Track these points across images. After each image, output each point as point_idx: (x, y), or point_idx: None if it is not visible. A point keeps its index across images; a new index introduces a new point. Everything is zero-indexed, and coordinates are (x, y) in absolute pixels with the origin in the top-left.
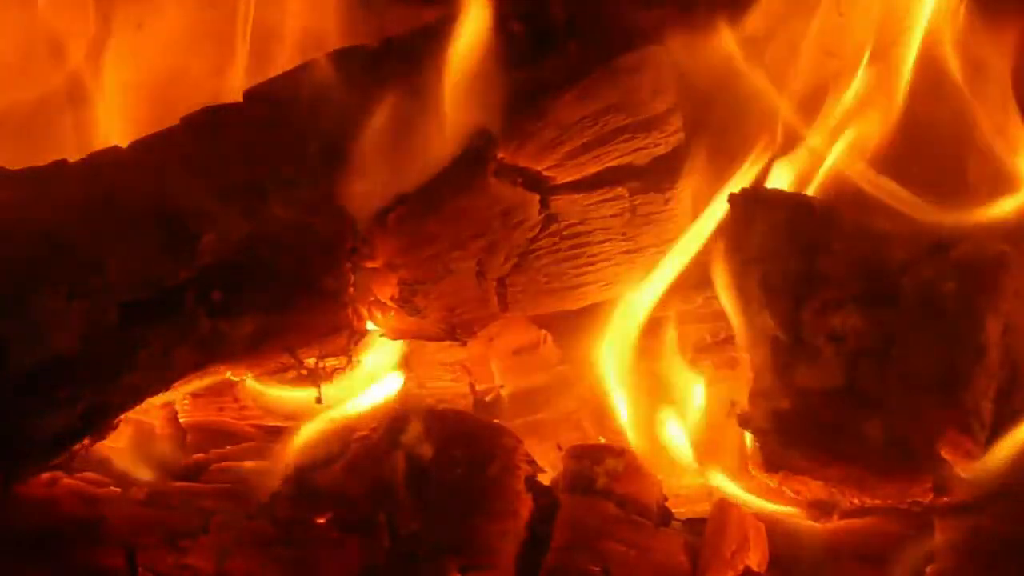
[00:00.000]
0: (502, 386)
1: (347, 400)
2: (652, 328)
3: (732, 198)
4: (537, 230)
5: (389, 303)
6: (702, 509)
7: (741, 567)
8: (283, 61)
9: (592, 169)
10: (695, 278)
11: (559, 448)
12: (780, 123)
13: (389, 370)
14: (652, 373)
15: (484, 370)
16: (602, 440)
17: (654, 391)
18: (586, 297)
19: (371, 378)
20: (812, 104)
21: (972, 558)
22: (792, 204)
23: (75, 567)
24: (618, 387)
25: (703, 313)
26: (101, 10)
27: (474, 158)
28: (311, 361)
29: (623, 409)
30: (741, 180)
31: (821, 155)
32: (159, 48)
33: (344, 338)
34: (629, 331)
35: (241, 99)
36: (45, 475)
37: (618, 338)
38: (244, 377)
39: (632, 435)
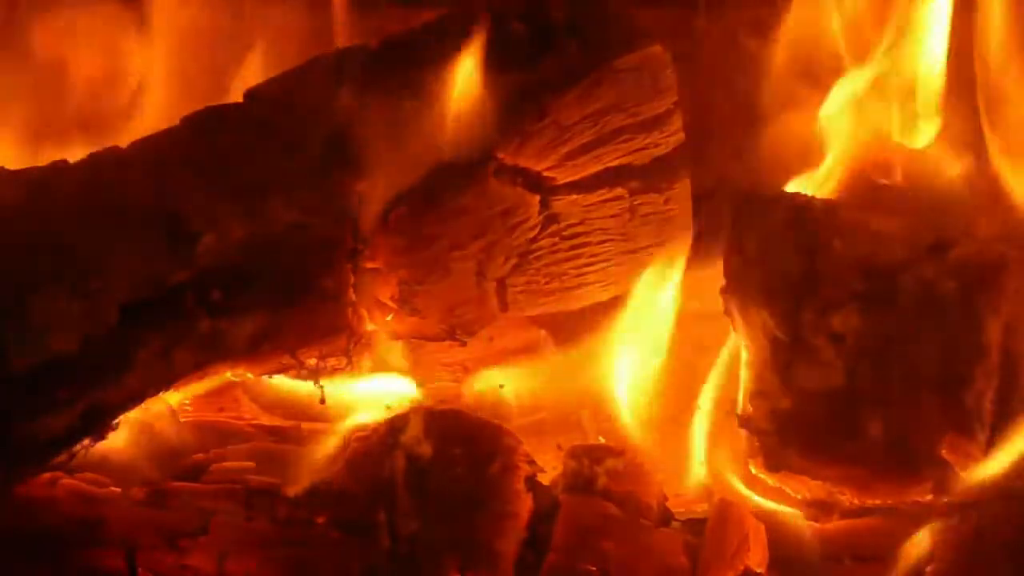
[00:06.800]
0: (502, 386)
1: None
2: (653, 327)
3: (732, 198)
4: (537, 230)
5: (389, 303)
6: (702, 509)
7: (741, 567)
8: (283, 61)
9: (592, 169)
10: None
11: (559, 448)
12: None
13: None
14: (654, 372)
15: (484, 370)
16: (602, 440)
17: (655, 390)
18: (586, 297)
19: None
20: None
21: (972, 558)
22: (792, 204)
23: (75, 567)
24: (620, 386)
25: (704, 312)
26: None
27: (474, 158)
28: (312, 362)
29: (624, 408)
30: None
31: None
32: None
33: (344, 338)
34: (631, 330)
35: (241, 99)
36: (45, 475)
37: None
38: (244, 377)
39: (634, 434)
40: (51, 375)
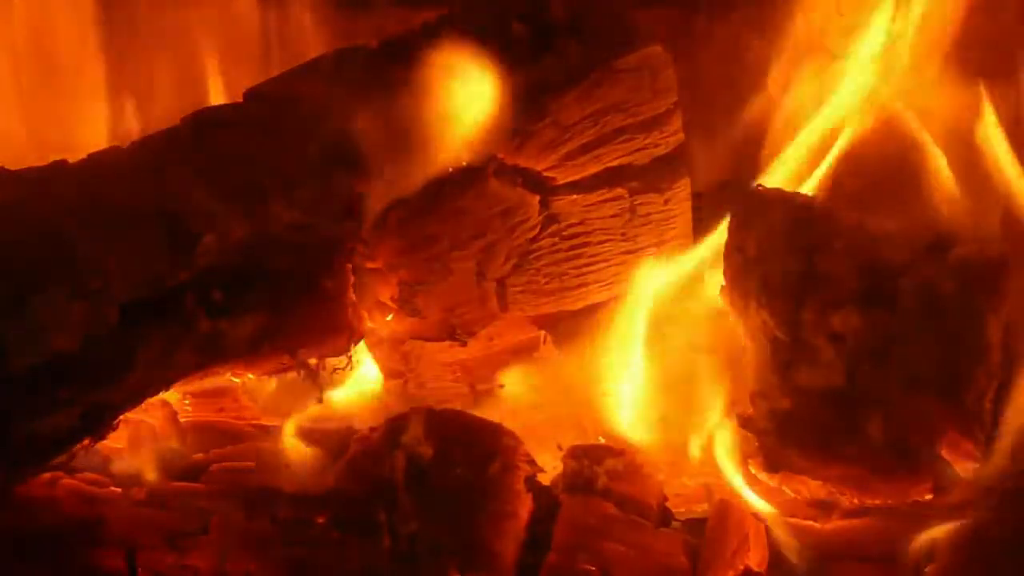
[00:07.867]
0: (502, 386)
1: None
2: (655, 327)
3: (732, 198)
4: (537, 230)
5: (389, 303)
6: (702, 509)
7: (741, 567)
8: (283, 61)
9: (592, 169)
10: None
11: (559, 448)
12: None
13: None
14: (654, 372)
15: (484, 370)
16: (602, 440)
17: (655, 390)
18: (586, 297)
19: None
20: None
21: (972, 558)
22: (792, 204)
23: (75, 567)
24: (620, 386)
25: (703, 312)
26: None
27: (474, 158)
28: (312, 361)
29: (624, 408)
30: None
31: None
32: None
33: (344, 339)
34: (633, 330)
35: (241, 99)
36: (45, 475)
37: (621, 337)
38: (244, 377)
39: (634, 434)
40: (51, 375)
